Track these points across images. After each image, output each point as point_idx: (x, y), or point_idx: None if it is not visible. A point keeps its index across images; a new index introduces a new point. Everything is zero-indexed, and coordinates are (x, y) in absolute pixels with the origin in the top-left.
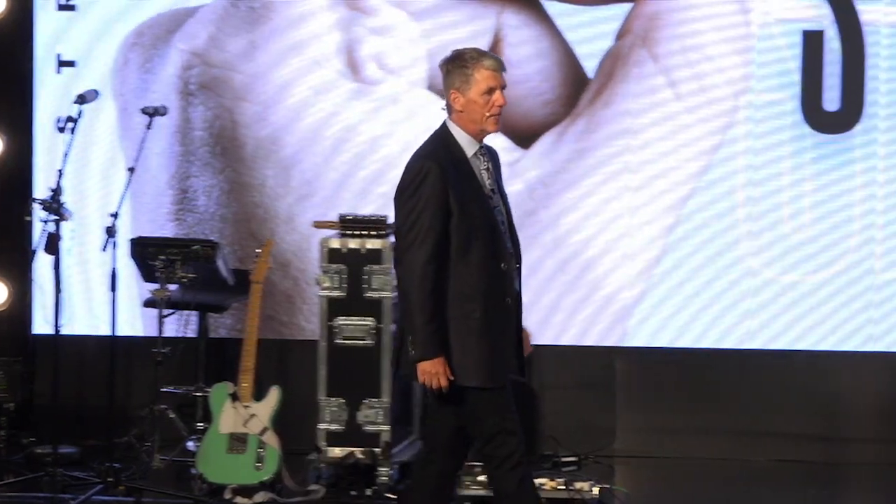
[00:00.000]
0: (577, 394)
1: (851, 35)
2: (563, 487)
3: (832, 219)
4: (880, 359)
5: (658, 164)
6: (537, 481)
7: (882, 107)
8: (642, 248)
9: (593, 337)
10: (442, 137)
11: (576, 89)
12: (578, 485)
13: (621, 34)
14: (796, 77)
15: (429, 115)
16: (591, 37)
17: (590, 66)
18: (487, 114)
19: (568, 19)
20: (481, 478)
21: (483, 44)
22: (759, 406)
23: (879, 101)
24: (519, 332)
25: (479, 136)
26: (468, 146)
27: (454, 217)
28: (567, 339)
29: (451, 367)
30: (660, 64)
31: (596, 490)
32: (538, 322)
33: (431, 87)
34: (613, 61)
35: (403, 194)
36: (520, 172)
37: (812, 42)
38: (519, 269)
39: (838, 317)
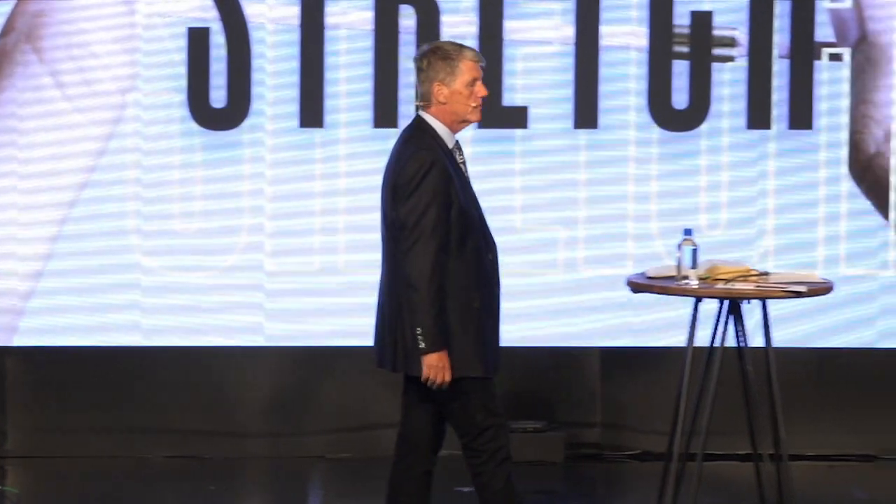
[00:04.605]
0: None
1: (236, 30)
2: None
3: (222, 215)
4: (269, 353)
5: (46, 163)
6: None
7: (269, 103)
8: (32, 247)
9: None
10: (425, 130)
11: None
12: None
13: (5, 31)
14: (184, 74)
15: None
16: None
17: None
18: (472, 104)
19: None
20: None
21: None
22: (155, 403)
23: (266, 96)
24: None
25: (458, 127)
26: (448, 139)
27: (453, 209)
28: None
29: (452, 360)
30: (45, 61)
31: None
32: None
33: None
34: None
35: (407, 188)
36: None
37: (197, 38)
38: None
39: (229, 314)
